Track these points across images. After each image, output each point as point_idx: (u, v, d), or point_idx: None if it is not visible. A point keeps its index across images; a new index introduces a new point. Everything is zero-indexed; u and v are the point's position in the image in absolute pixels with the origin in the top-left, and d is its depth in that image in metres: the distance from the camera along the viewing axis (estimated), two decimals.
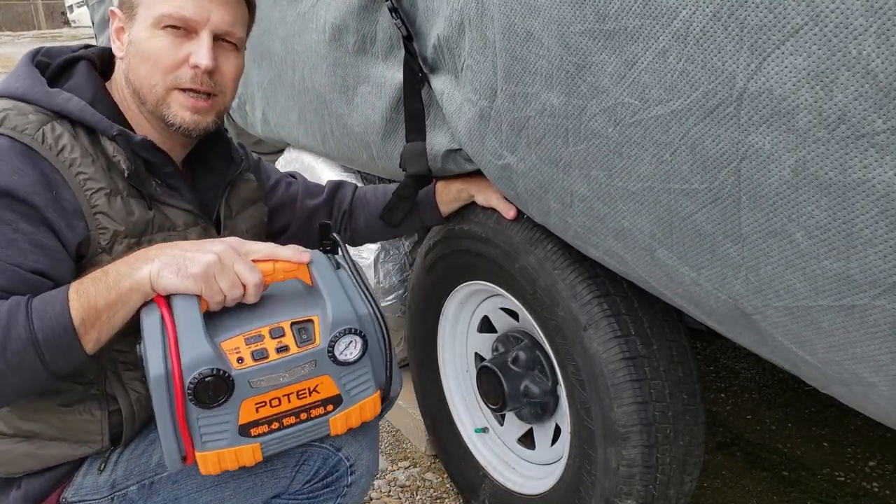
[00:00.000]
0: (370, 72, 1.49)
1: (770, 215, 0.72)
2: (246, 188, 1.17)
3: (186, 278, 0.83)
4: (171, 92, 0.96)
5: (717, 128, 0.74)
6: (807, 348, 0.78)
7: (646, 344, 1.17)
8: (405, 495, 1.80)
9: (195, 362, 0.81)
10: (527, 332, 1.47)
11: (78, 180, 0.89)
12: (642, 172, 0.86)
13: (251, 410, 0.86)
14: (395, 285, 1.89)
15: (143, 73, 0.96)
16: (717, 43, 0.70)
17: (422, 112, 1.34)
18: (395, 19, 1.30)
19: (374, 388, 0.95)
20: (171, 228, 0.99)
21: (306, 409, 0.89)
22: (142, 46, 0.95)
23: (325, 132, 1.76)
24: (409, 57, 1.31)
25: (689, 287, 0.89)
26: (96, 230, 0.91)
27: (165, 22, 0.94)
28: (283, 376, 0.86)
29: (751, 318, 0.83)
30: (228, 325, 0.87)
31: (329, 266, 0.96)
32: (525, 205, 1.17)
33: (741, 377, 2.31)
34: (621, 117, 0.85)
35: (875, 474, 1.83)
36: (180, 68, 0.96)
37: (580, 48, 0.87)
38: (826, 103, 0.63)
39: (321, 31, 1.59)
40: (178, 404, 0.81)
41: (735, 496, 1.76)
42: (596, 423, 1.20)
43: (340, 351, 0.89)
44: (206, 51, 0.95)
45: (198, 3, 0.95)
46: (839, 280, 0.69)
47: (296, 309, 0.91)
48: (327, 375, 0.89)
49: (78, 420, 0.96)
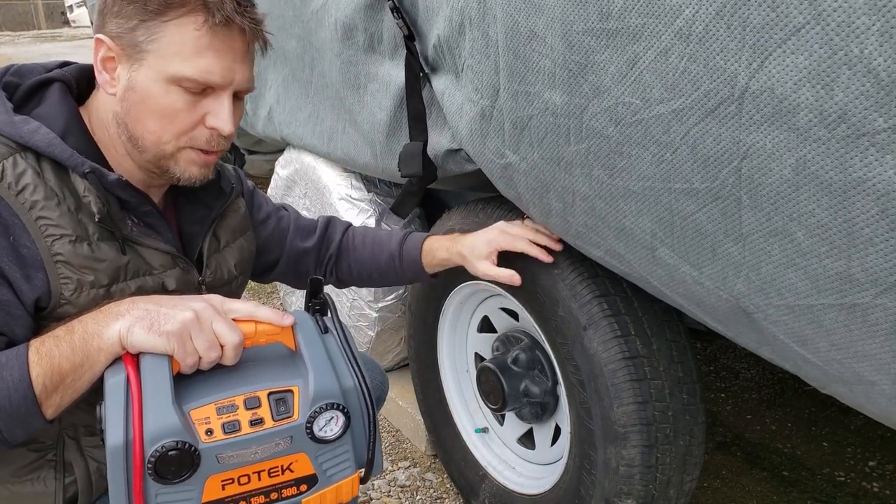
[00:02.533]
0: (378, 70, 1.50)
1: (771, 214, 0.72)
2: (235, 217, 1.08)
3: (159, 336, 0.76)
4: (180, 150, 0.89)
5: (719, 127, 0.74)
6: (808, 347, 0.78)
7: (646, 344, 1.17)
8: (405, 495, 1.80)
9: (159, 433, 0.73)
10: (527, 332, 1.47)
11: (38, 225, 0.80)
12: (643, 172, 0.86)
13: (216, 488, 0.77)
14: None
15: (150, 128, 0.86)
16: (719, 42, 0.70)
17: (423, 112, 1.34)
18: (396, 19, 1.30)
19: (353, 467, 0.86)
20: (147, 273, 0.90)
21: (277, 489, 0.81)
22: (152, 102, 0.85)
23: (335, 130, 1.76)
24: (410, 56, 1.31)
25: (691, 286, 0.89)
26: (57, 281, 0.81)
27: (186, 84, 0.84)
28: (255, 452, 0.78)
29: (752, 316, 0.83)
30: (200, 390, 0.79)
31: (315, 330, 0.88)
32: (526, 205, 1.17)
33: (741, 377, 2.31)
34: (622, 117, 0.85)
35: (875, 474, 1.83)
36: (195, 129, 0.88)
37: (583, 47, 0.87)
38: (827, 102, 0.63)
39: (333, 28, 1.59)
40: (136, 478, 0.72)
41: (735, 496, 1.76)
42: (596, 423, 1.19)
43: (320, 427, 0.81)
44: (228, 116, 0.88)
45: (224, 65, 0.85)
46: (841, 279, 0.69)
47: (275, 377, 0.83)
48: (303, 453, 0.81)
49: (29, 491, 0.86)
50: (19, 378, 0.73)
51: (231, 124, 0.88)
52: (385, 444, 2.03)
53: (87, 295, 0.83)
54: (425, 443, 1.93)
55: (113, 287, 0.86)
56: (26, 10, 21.96)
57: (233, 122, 0.89)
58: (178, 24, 0.83)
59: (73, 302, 0.82)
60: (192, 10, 0.83)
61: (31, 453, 0.87)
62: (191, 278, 0.96)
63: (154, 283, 0.90)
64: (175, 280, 0.93)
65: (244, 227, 1.10)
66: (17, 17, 21.61)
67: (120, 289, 0.86)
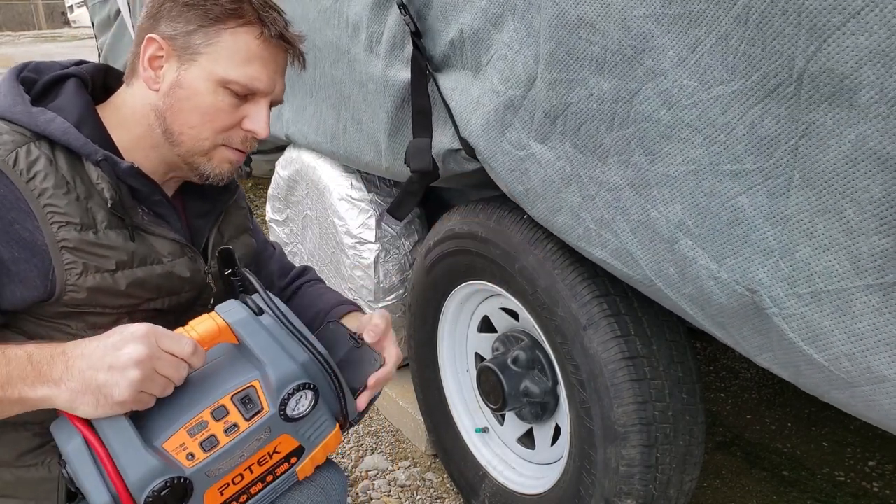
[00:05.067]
0: (378, 69, 1.50)
1: (823, 192, 0.75)
2: (239, 215, 1.11)
3: (113, 407, 0.72)
4: (216, 147, 0.94)
5: (778, 107, 0.77)
6: (819, 343, 0.79)
7: (645, 344, 1.17)
8: (405, 495, 1.80)
9: (143, 480, 0.71)
10: (527, 332, 1.47)
11: (46, 212, 0.82)
12: (690, 155, 0.88)
13: (215, 497, 0.79)
14: (395, 285, 1.89)
15: (192, 123, 0.92)
16: (774, 27, 0.74)
17: (429, 108, 1.34)
18: (403, 15, 1.31)
19: (332, 423, 0.89)
20: (156, 261, 0.92)
21: (271, 471, 0.84)
22: (198, 99, 0.91)
23: (338, 129, 1.77)
24: (417, 53, 1.32)
25: (704, 282, 0.90)
26: (62, 266, 0.83)
27: (233, 87, 0.91)
28: (240, 455, 0.79)
29: (763, 313, 0.83)
30: (163, 421, 0.77)
31: (251, 317, 0.85)
32: (533, 202, 1.17)
33: (741, 377, 2.31)
34: (677, 99, 0.87)
35: (875, 474, 1.83)
36: (233, 129, 0.94)
37: (642, 32, 0.89)
38: (887, 80, 0.66)
39: (343, 26, 1.60)
40: None
41: (735, 496, 1.76)
42: (596, 423, 1.20)
43: (293, 409, 0.82)
44: (265, 122, 0.94)
45: (269, 75, 0.93)
46: (885, 256, 0.71)
47: (230, 378, 0.82)
48: (284, 434, 0.83)
49: (33, 476, 0.88)
50: None
51: (266, 130, 0.95)
52: (385, 443, 2.03)
53: (93, 279, 0.85)
54: (425, 443, 1.93)
55: (119, 273, 0.87)
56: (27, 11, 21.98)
57: (268, 128, 0.95)
58: (235, 32, 0.90)
59: (80, 286, 0.84)
60: (249, 22, 0.91)
61: (36, 438, 0.88)
62: (198, 267, 0.98)
63: (163, 271, 0.92)
64: (185, 268, 0.95)
65: (245, 226, 1.13)
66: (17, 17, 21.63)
67: (126, 275, 0.88)
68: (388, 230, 1.87)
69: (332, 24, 1.65)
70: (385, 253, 1.86)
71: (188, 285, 0.96)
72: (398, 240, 1.89)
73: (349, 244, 1.89)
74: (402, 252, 1.89)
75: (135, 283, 0.88)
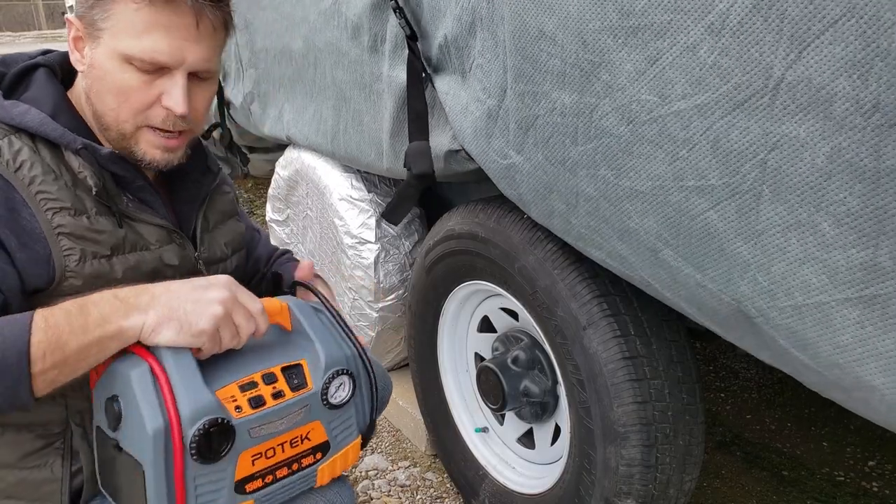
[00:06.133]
0: (381, 70, 1.50)
1: (795, 206, 0.73)
2: (223, 200, 1.09)
3: (192, 336, 0.76)
4: (140, 129, 0.88)
5: (747, 119, 0.75)
6: (809, 352, 0.77)
7: (645, 343, 1.17)
8: (405, 495, 1.81)
9: (197, 413, 0.75)
10: (527, 332, 1.47)
11: (38, 199, 0.81)
12: (653, 171, 0.86)
13: (248, 464, 0.81)
14: (395, 285, 1.89)
15: (109, 105, 0.87)
16: (755, 34, 0.72)
17: (425, 112, 1.34)
18: (399, 18, 1.30)
19: (356, 433, 0.93)
20: (145, 247, 0.91)
21: (297, 459, 0.87)
22: (108, 78, 0.85)
23: (338, 130, 1.77)
24: (412, 56, 1.31)
25: (693, 289, 0.89)
26: (60, 252, 0.82)
27: (136, 63, 0.84)
28: (280, 423, 0.83)
29: (753, 321, 0.82)
30: (219, 373, 0.82)
31: (309, 308, 0.93)
32: (527, 206, 1.17)
33: (741, 377, 2.31)
34: (636, 115, 0.85)
35: (875, 474, 1.83)
36: (151, 108, 0.87)
37: (598, 46, 0.87)
38: (862, 92, 0.65)
39: (343, 27, 1.60)
40: (178, 461, 0.74)
41: (735, 495, 1.76)
42: (595, 423, 1.20)
43: (332, 394, 0.87)
44: (181, 96, 0.86)
45: (173, 44, 0.84)
46: (864, 269, 0.69)
47: (282, 354, 0.88)
48: (318, 421, 0.88)
49: (36, 478, 0.87)
50: (19, 334, 0.69)
51: (183, 105, 0.86)
52: (385, 443, 2.03)
53: (90, 265, 0.85)
54: (425, 443, 1.93)
55: (114, 258, 0.87)
56: (27, 11, 21.98)
57: (187, 103, 0.87)
58: (125, 1, 0.83)
59: (79, 273, 0.84)
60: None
61: (40, 440, 0.87)
62: (188, 253, 0.97)
63: (152, 257, 0.92)
64: (173, 255, 0.94)
65: (231, 211, 1.11)
66: (17, 17, 21.62)
67: (120, 260, 0.88)
68: (388, 230, 1.87)
69: (333, 25, 1.65)
70: (385, 253, 1.87)
71: (178, 273, 0.94)
72: (398, 240, 1.89)
73: (349, 244, 1.90)
74: (402, 252, 1.89)
75: (129, 268, 0.88)
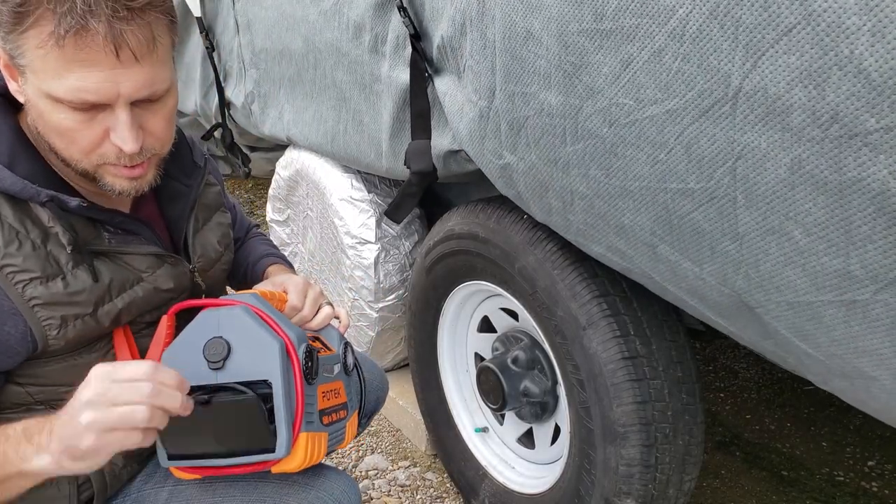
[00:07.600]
0: (381, 71, 1.51)
1: (767, 213, 0.73)
2: (209, 193, 1.04)
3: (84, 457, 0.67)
4: (98, 167, 0.79)
5: (713, 127, 0.74)
6: (810, 342, 0.78)
7: (645, 344, 1.17)
8: (405, 495, 1.81)
9: (299, 338, 0.83)
10: (526, 332, 1.48)
11: (5, 274, 0.75)
12: (638, 172, 0.86)
13: (321, 397, 0.88)
14: (395, 285, 1.89)
15: (58, 145, 0.76)
16: (713, 41, 0.70)
17: (428, 111, 1.34)
18: (403, 17, 1.31)
19: (356, 405, 1.03)
20: (136, 282, 0.86)
21: (336, 410, 0.94)
22: (46, 118, 0.74)
23: (338, 130, 1.77)
24: (416, 55, 1.32)
25: (693, 281, 0.89)
26: (39, 324, 0.77)
27: (66, 104, 0.72)
28: (330, 370, 0.92)
29: (755, 311, 0.83)
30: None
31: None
32: (526, 203, 1.17)
33: (741, 377, 2.31)
34: (616, 117, 0.85)
35: (874, 474, 1.83)
36: (101, 146, 0.76)
37: (578, 48, 0.87)
38: (819, 102, 0.63)
39: (344, 28, 1.60)
40: (297, 372, 0.81)
41: (734, 495, 1.76)
42: (595, 423, 1.20)
43: (347, 360, 1.00)
44: (128, 132, 0.75)
45: (98, 79, 0.70)
46: (840, 276, 0.69)
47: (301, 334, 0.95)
48: (340, 381, 0.96)
49: (43, 495, 0.84)
50: None
51: (132, 141, 0.75)
52: (385, 443, 2.03)
53: (73, 328, 0.81)
54: (425, 442, 1.93)
55: (99, 311, 0.83)
56: None
57: (138, 137, 0.76)
58: (31, 38, 0.69)
59: (62, 338, 0.80)
60: (38, 19, 0.68)
61: None
62: (181, 270, 0.94)
63: (145, 290, 0.88)
64: (167, 278, 0.91)
65: (218, 204, 1.08)
66: None
67: (106, 311, 0.84)
68: (388, 230, 1.87)
69: (333, 25, 1.65)
70: (385, 253, 1.87)
71: (173, 294, 0.92)
72: (398, 240, 1.89)
73: (349, 244, 1.90)
74: (402, 252, 1.89)
75: (117, 315, 0.85)
